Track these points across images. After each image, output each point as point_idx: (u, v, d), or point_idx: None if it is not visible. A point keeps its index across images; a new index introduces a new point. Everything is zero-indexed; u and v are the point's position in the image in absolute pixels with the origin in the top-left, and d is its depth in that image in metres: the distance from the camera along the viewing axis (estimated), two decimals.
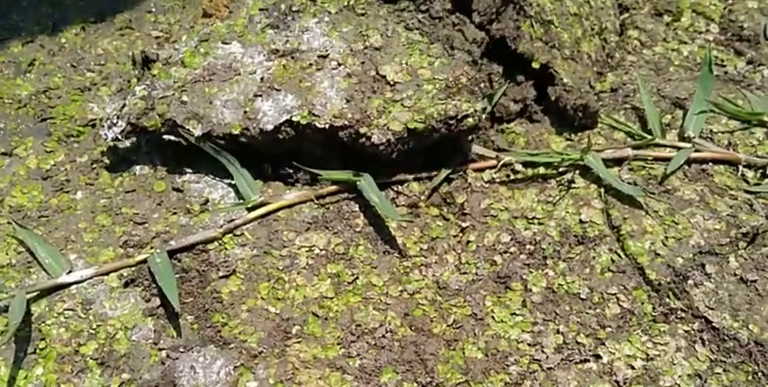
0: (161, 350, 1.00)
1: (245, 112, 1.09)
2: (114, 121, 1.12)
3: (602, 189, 1.13)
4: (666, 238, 1.07)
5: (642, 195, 1.10)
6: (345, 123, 1.07)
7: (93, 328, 1.02)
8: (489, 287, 1.06)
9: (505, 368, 0.99)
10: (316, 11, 1.16)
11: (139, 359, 1.00)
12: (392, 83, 1.08)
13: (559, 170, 1.16)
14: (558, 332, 1.02)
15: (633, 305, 1.03)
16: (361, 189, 1.09)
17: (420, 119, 1.06)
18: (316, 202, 1.12)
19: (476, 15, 1.19)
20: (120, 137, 1.12)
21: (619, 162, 1.16)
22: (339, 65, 1.10)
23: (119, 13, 1.39)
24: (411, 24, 1.12)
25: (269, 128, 1.08)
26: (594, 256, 1.07)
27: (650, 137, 1.17)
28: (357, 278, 1.06)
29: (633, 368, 0.98)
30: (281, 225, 1.10)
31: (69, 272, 1.05)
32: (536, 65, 1.19)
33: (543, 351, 1.00)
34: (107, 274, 1.06)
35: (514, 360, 1.00)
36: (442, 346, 1.01)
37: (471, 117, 1.07)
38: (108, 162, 1.18)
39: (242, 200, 1.11)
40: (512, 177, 1.16)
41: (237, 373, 0.98)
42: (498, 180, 1.15)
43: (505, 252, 1.09)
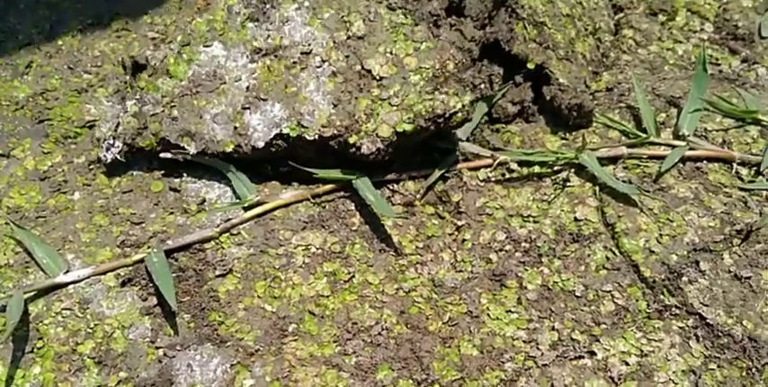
0: (158, 349, 1.01)
1: (235, 127, 1.10)
2: (111, 142, 1.14)
3: (596, 187, 1.13)
4: (661, 235, 1.07)
5: (637, 193, 1.10)
6: (334, 133, 1.07)
7: (91, 328, 1.02)
8: (485, 285, 1.07)
9: (501, 365, 1.00)
10: None
11: (136, 358, 1.00)
12: (378, 78, 1.08)
13: (554, 169, 1.16)
14: (554, 329, 1.02)
15: (628, 302, 1.03)
16: (357, 188, 1.10)
17: (408, 119, 1.06)
18: (312, 201, 1.13)
19: (469, 21, 1.19)
20: (120, 157, 1.14)
21: (614, 160, 1.16)
22: (323, 62, 1.10)
23: (115, 15, 1.40)
24: (393, 3, 1.11)
25: (260, 145, 1.09)
26: (589, 254, 1.07)
27: (645, 135, 1.17)
28: (353, 276, 1.07)
29: (628, 364, 0.99)
30: (277, 224, 1.11)
31: (67, 272, 1.06)
32: (531, 65, 1.20)
33: (538, 348, 1.01)
34: (104, 273, 1.06)
35: (510, 357, 1.00)
36: (437, 344, 1.02)
37: (460, 112, 1.08)
38: (105, 163, 1.19)
39: (238, 199, 1.12)
40: (507, 176, 1.16)
41: (234, 371, 0.99)
42: (494, 179, 1.16)
43: (501, 250, 1.09)
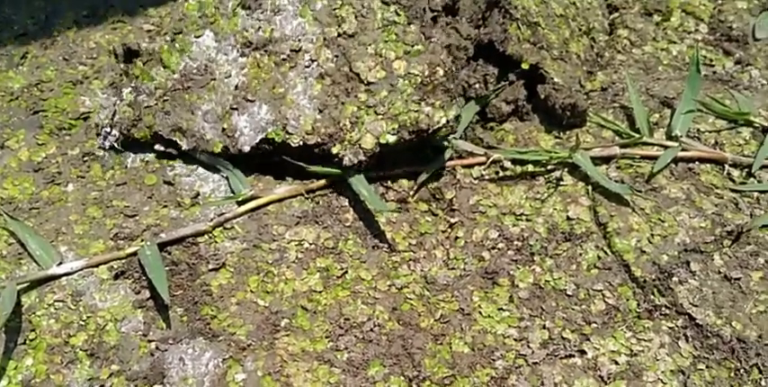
0: (150, 342, 1.01)
1: (223, 128, 1.11)
2: (108, 130, 1.18)
3: (589, 187, 1.14)
4: (652, 235, 1.08)
5: (629, 193, 1.11)
6: (318, 141, 1.08)
7: (83, 320, 1.02)
8: (477, 282, 1.07)
9: (492, 363, 1.01)
10: None
11: (129, 351, 1.00)
12: (366, 82, 1.08)
13: (548, 168, 1.17)
14: (544, 327, 1.03)
15: (618, 301, 1.04)
16: (351, 183, 1.10)
17: (393, 130, 1.06)
18: (306, 196, 1.13)
19: (464, 21, 1.19)
20: (117, 145, 1.18)
21: (606, 160, 1.17)
22: (312, 61, 1.10)
23: (111, 7, 1.39)
24: None
25: (246, 149, 1.10)
26: (581, 253, 1.08)
27: (638, 135, 1.18)
28: (346, 272, 1.07)
29: (617, 363, 1.00)
30: (270, 219, 1.11)
31: (60, 263, 1.06)
32: (525, 66, 1.20)
33: (529, 346, 1.02)
34: (97, 266, 1.06)
35: (501, 355, 1.01)
36: (429, 341, 1.02)
37: (444, 128, 1.08)
38: (99, 155, 1.19)
39: (232, 193, 1.12)
40: (500, 174, 1.16)
41: (226, 366, 0.99)
42: (487, 177, 1.16)
43: (493, 248, 1.10)
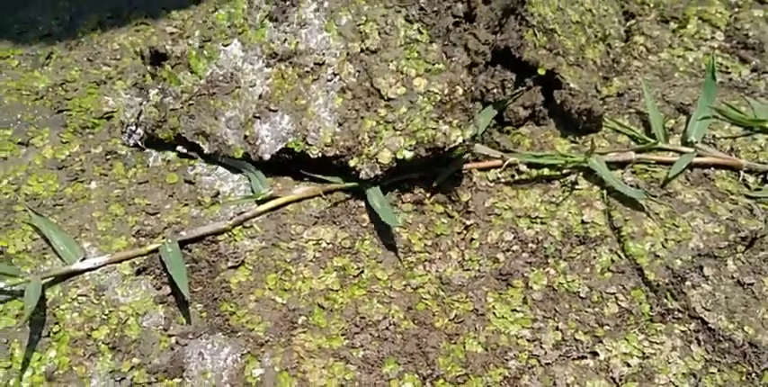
0: (170, 336, 1.03)
1: (245, 136, 1.13)
2: (134, 128, 1.21)
3: (604, 191, 1.15)
4: (666, 240, 1.09)
5: (644, 198, 1.12)
6: (336, 153, 1.10)
7: (106, 314, 1.04)
8: (491, 284, 1.09)
9: (505, 363, 1.02)
10: None
11: (149, 344, 1.02)
12: (386, 98, 1.10)
13: (563, 172, 1.18)
14: (557, 329, 1.04)
15: (631, 305, 1.05)
16: (366, 194, 1.12)
17: (410, 146, 1.08)
18: (324, 196, 1.15)
19: (481, 27, 1.21)
20: (141, 144, 1.21)
21: (622, 165, 1.18)
22: (335, 75, 1.12)
23: (134, 8, 1.42)
24: (412, 16, 1.12)
25: (266, 157, 1.13)
26: (595, 256, 1.09)
27: (653, 141, 1.19)
28: (362, 272, 1.09)
29: (629, 366, 1.00)
30: (289, 218, 1.13)
31: (83, 259, 1.08)
32: (542, 71, 1.21)
33: (542, 347, 1.03)
34: (119, 261, 1.08)
35: (514, 355, 1.02)
36: (443, 340, 1.04)
37: (460, 147, 1.10)
38: (122, 153, 1.21)
39: (252, 193, 1.14)
40: (516, 177, 1.18)
41: (244, 361, 1.01)
42: (503, 180, 1.18)
43: (508, 250, 1.11)
